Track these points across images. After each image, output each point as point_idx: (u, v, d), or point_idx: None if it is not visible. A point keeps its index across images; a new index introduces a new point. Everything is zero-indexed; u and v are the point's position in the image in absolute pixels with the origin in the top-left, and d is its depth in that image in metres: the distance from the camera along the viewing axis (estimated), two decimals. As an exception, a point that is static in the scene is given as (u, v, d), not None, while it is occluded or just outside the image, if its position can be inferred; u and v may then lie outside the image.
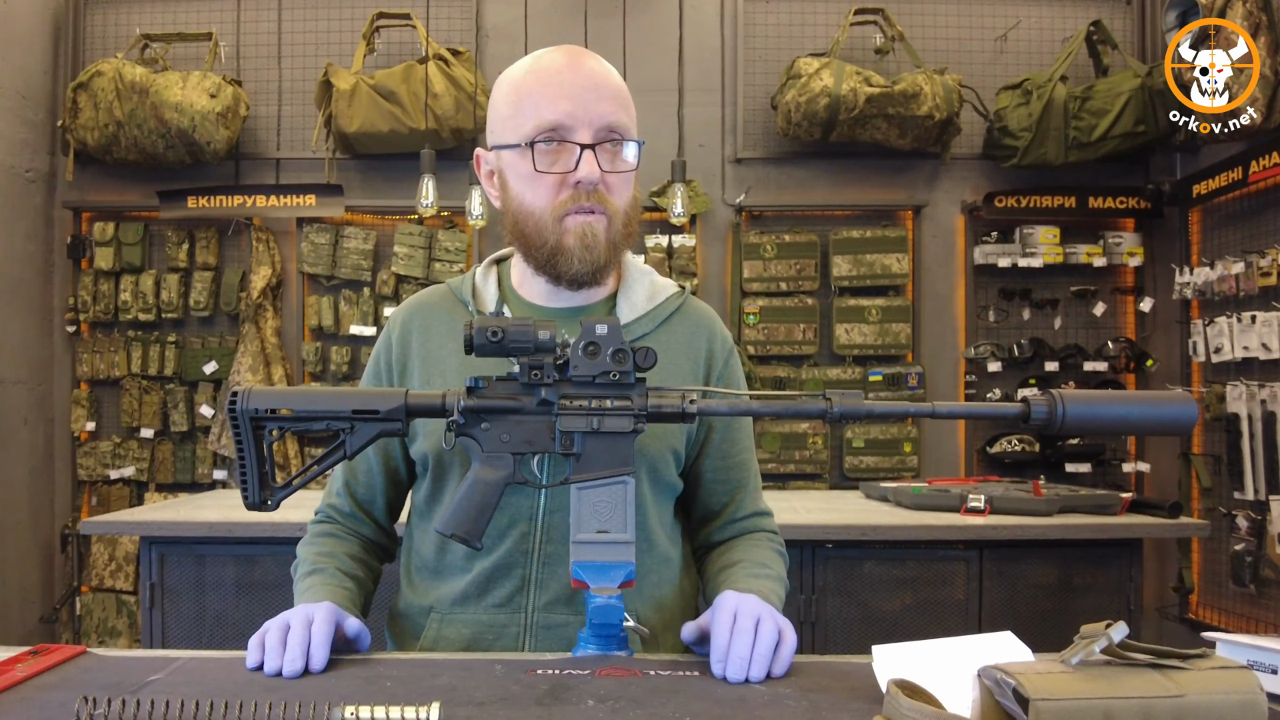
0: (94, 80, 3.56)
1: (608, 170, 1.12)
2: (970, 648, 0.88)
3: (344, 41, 3.82)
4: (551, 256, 1.13)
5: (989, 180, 3.81)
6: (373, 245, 3.78)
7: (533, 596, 1.16)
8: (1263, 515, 3.13)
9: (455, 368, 1.19)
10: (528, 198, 1.12)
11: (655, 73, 3.81)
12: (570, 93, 1.10)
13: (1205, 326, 3.36)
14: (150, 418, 3.78)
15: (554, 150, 1.10)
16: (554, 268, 1.14)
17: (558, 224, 1.11)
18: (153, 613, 2.57)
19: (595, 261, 1.12)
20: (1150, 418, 1.01)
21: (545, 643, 1.15)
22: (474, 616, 1.17)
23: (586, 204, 1.11)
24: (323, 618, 1.00)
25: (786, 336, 3.74)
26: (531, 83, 1.12)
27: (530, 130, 1.10)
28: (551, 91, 1.10)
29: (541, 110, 1.10)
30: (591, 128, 1.10)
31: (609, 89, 1.12)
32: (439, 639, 1.18)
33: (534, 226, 1.13)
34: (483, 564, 1.17)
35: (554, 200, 1.11)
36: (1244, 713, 0.69)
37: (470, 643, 1.16)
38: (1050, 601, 2.65)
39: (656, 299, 1.23)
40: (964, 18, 3.84)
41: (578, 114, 1.09)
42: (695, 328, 1.24)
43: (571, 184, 1.10)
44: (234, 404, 1.04)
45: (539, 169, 1.10)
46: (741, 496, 1.28)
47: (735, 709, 0.85)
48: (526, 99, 1.11)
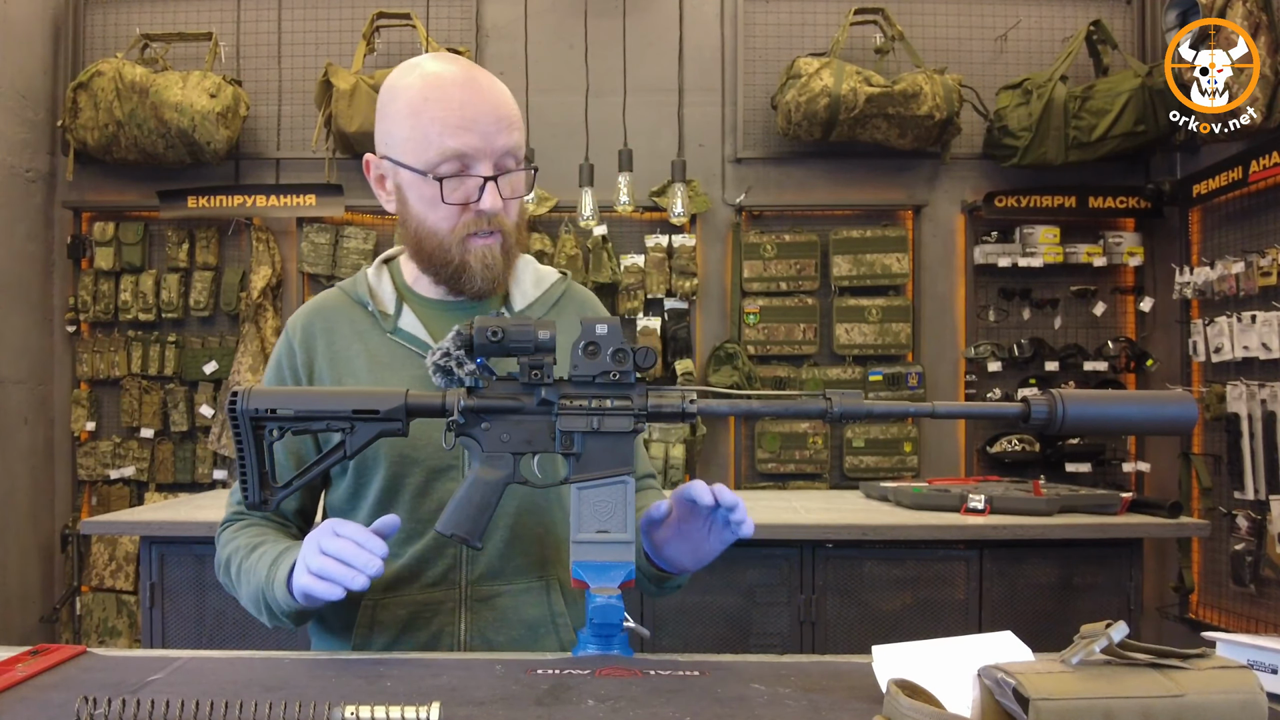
0: (94, 80, 3.56)
1: (507, 197, 1.16)
2: (970, 647, 0.88)
3: (344, 41, 3.82)
4: (455, 274, 1.18)
5: (989, 180, 3.81)
6: (373, 245, 3.78)
7: (465, 572, 1.20)
8: (1263, 515, 3.13)
9: (364, 367, 1.21)
10: (430, 220, 1.17)
11: (655, 73, 3.81)
12: (472, 124, 1.12)
13: (1205, 326, 3.36)
14: (150, 418, 3.78)
15: (457, 181, 1.14)
16: (457, 284, 1.20)
17: (460, 247, 1.16)
18: (153, 612, 2.57)
19: (495, 279, 1.19)
20: (1150, 418, 1.01)
21: (480, 613, 1.19)
22: (410, 597, 1.20)
23: (486, 228, 1.16)
24: (340, 524, 1.02)
25: (786, 336, 3.74)
26: (433, 109, 1.12)
27: (434, 158, 1.13)
28: (454, 121, 1.12)
29: (445, 139, 1.12)
30: (493, 158, 1.14)
31: (507, 117, 1.15)
32: (375, 623, 1.19)
33: (435, 246, 1.17)
34: (415, 548, 1.20)
35: (455, 224, 1.16)
36: (1244, 712, 0.69)
37: (408, 622, 1.19)
38: (1050, 601, 2.65)
39: (543, 285, 1.29)
40: (964, 18, 3.84)
41: (481, 146, 1.12)
42: (582, 306, 1.32)
43: (474, 211, 1.15)
44: (234, 404, 1.04)
45: (447, 200, 1.14)
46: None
47: (735, 709, 0.85)
48: (429, 125, 1.12)
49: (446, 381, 1.02)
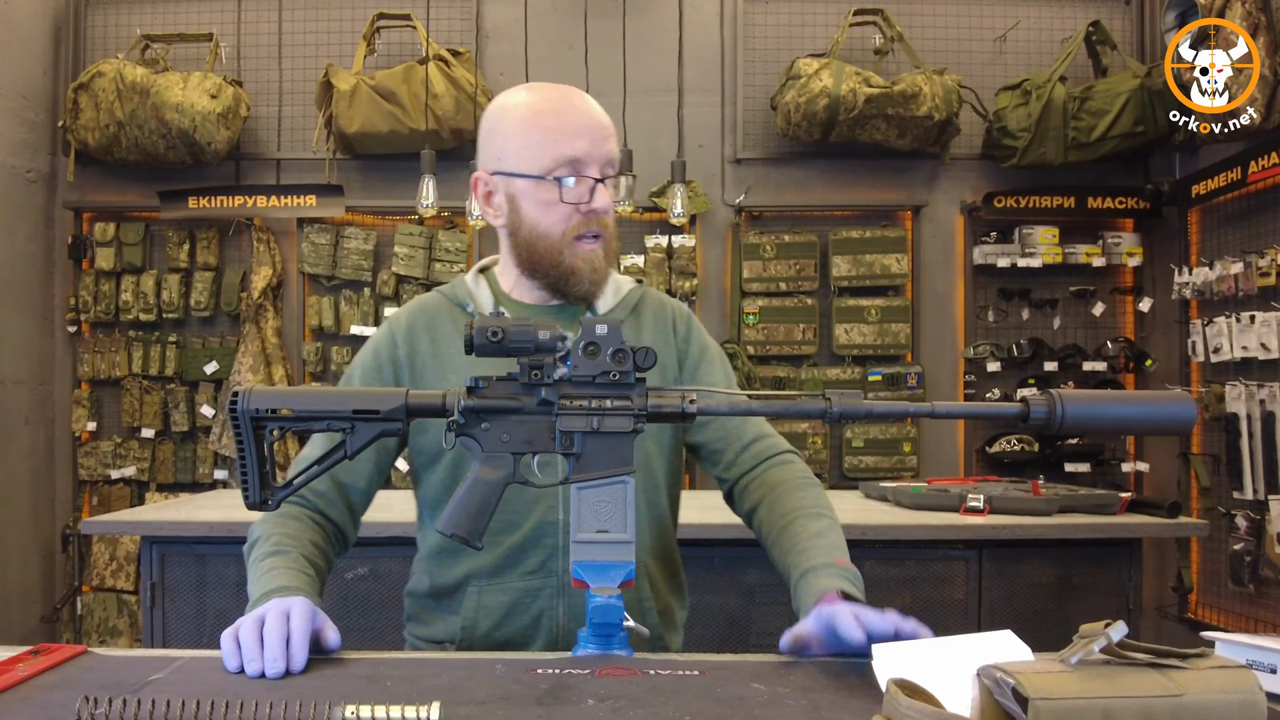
0: (95, 81, 3.57)
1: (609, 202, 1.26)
2: (970, 647, 0.88)
3: (344, 42, 3.83)
4: (563, 277, 1.26)
5: (988, 180, 3.81)
6: (373, 245, 3.78)
7: (562, 560, 1.24)
8: (1261, 515, 3.13)
9: (465, 363, 1.23)
10: (543, 223, 1.24)
11: (655, 73, 3.81)
12: (583, 131, 1.23)
13: (1204, 326, 3.36)
14: (151, 418, 3.78)
15: (574, 183, 1.23)
16: (564, 286, 1.27)
17: (570, 249, 1.24)
18: (153, 612, 2.57)
19: (599, 281, 1.28)
20: (1149, 418, 1.02)
21: (576, 600, 1.24)
22: (511, 584, 1.25)
23: (593, 229, 1.25)
24: (300, 614, 0.99)
25: (786, 336, 3.75)
26: (546, 120, 1.23)
27: (549, 163, 1.22)
28: (570, 129, 1.22)
29: (561, 146, 1.22)
30: (600, 163, 1.24)
31: (608, 127, 1.26)
32: (480, 607, 1.25)
33: (548, 249, 1.25)
34: (512, 539, 1.25)
35: (567, 226, 1.24)
36: (1243, 712, 0.69)
37: (511, 607, 1.25)
38: (1049, 601, 2.65)
39: (622, 292, 1.36)
40: (963, 18, 3.84)
41: (592, 151, 1.23)
42: (659, 307, 1.38)
43: (584, 212, 1.24)
44: (234, 404, 1.04)
45: (565, 200, 1.23)
46: (745, 425, 1.34)
47: (735, 709, 0.85)
48: (544, 134, 1.22)
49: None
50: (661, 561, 1.34)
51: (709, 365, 1.36)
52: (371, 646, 1.12)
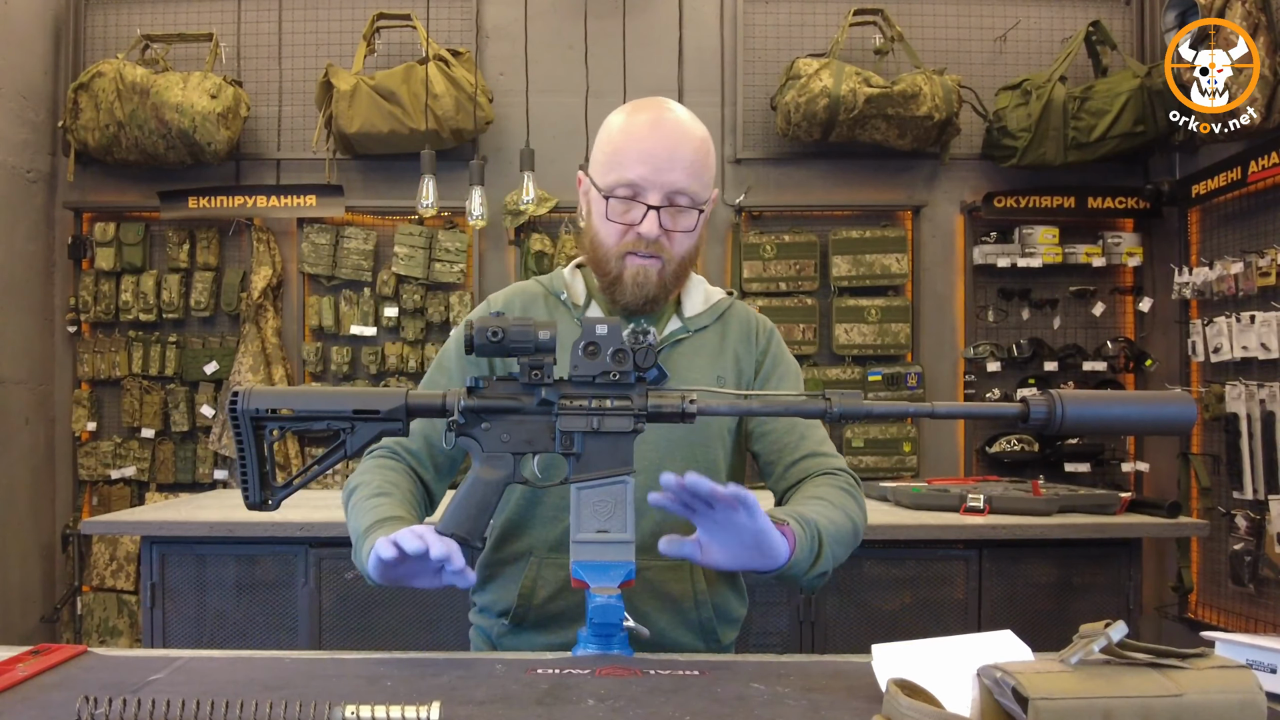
0: (95, 81, 3.57)
1: (669, 229, 1.28)
2: (970, 647, 0.88)
3: (344, 42, 3.83)
4: (611, 284, 1.30)
5: (988, 180, 3.81)
6: (373, 245, 3.78)
7: None
8: (1261, 515, 3.13)
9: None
10: (600, 233, 1.31)
11: (655, 73, 3.81)
12: (648, 158, 1.25)
13: (1204, 326, 3.36)
14: (151, 418, 3.78)
15: (626, 204, 1.27)
16: (611, 293, 1.31)
17: (619, 261, 1.28)
18: (154, 612, 2.57)
19: (645, 296, 1.29)
20: (1149, 418, 1.02)
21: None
22: (568, 560, 1.22)
23: (645, 250, 1.27)
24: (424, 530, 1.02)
25: (786, 336, 3.69)
26: (621, 139, 1.28)
27: (612, 182, 1.27)
28: (634, 153, 1.26)
29: (623, 168, 1.26)
30: (661, 191, 1.25)
31: (684, 159, 1.26)
32: (538, 579, 1.28)
33: (601, 256, 1.31)
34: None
35: (619, 242, 1.28)
36: (1243, 712, 0.69)
37: (566, 582, 1.23)
38: (1050, 601, 2.65)
39: (711, 300, 1.40)
40: (963, 18, 3.84)
41: (651, 178, 1.25)
42: (745, 317, 1.42)
43: (635, 233, 1.27)
44: (235, 404, 1.04)
45: (610, 218, 1.28)
46: (801, 442, 1.33)
47: (735, 708, 0.85)
48: (616, 153, 1.28)
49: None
50: None
51: (780, 379, 1.38)
52: (373, 646, 1.12)
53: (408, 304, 3.74)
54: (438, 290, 3.77)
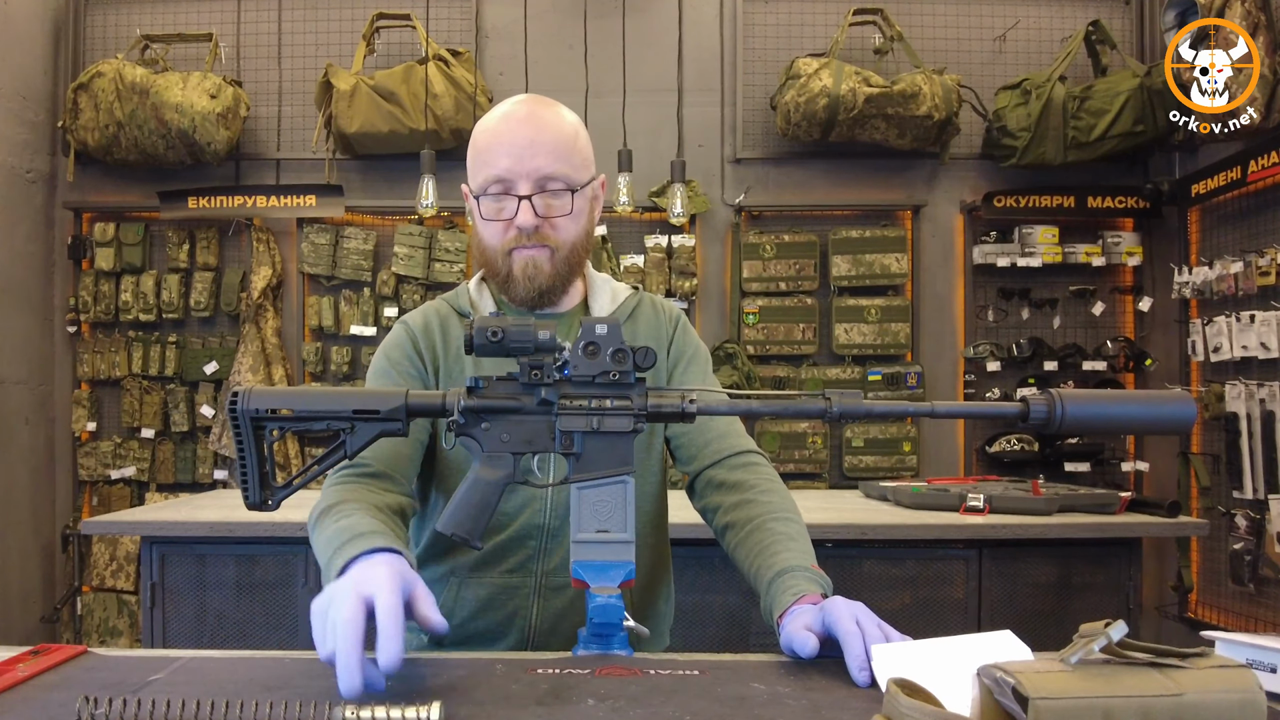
0: (94, 81, 3.57)
1: (545, 216, 1.26)
2: (970, 647, 0.88)
3: (344, 42, 3.83)
4: (504, 283, 1.30)
5: (988, 180, 3.81)
6: (373, 246, 3.78)
7: (541, 563, 1.28)
8: (1261, 514, 3.13)
9: (471, 366, 1.29)
10: (484, 235, 1.30)
11: (655, 73, 3.81)
12: (510, 150, 1.24)
13: (1204, 326, 3.36)
14: (151, 418, 3.78)
15: (499, 200, 1.26)
16: (506, 291, 1.31)
17: (506, 258, 1.28)
18: (154, 612, 2.57)
19: (539, 288, 1.28)
20: (1149, 417, 1.02)
21: (551, 601, 1.28)
22: (490, 580, 1.29)
23: (529, 243, 1.26)
24: (389, 595, 0.87)
25: (786, 336, 3.75)
26: (485, 139, 1.28)
27: (482, 181, 1.27)
28: (496, 148, 1.25)
29: (490, 165, 1.26)
30: (530, 179, 1.24)
31: (546, 143, 1.25)
32: (458, 599, 1.29)
33: (489, 258, 1.30)
34: (498, 537, 1.27)
35: (502, 239, 1.27)
36: (1243, 711, 0.69)
37: (487, 602, 1.28)
38: (1049, 600, 2.65)
39: (618, 299, 1.39)
40: (963, 18, 3.84)
41: (516, 168, 1.24)
42: (653, 311, 1.41)
43: (515, 227, 1.26)
44: (234, 404, 1.04)
45: (484, 217, 1.28)
46: (711, 424, 1.34)
47: (735, 708, 0.85)
48: (481, 153, 1.27)
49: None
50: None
51: (688, 365, 1.38)
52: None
53: (408, 304, 3.74)
54: (438, 290, 3.77)
